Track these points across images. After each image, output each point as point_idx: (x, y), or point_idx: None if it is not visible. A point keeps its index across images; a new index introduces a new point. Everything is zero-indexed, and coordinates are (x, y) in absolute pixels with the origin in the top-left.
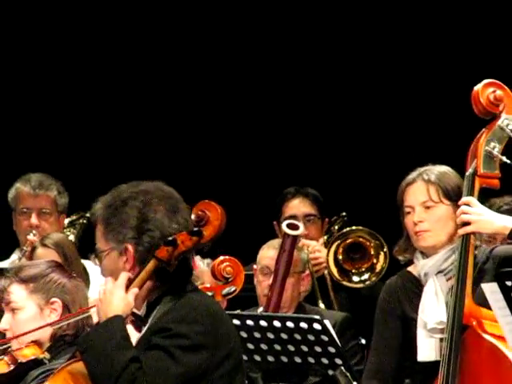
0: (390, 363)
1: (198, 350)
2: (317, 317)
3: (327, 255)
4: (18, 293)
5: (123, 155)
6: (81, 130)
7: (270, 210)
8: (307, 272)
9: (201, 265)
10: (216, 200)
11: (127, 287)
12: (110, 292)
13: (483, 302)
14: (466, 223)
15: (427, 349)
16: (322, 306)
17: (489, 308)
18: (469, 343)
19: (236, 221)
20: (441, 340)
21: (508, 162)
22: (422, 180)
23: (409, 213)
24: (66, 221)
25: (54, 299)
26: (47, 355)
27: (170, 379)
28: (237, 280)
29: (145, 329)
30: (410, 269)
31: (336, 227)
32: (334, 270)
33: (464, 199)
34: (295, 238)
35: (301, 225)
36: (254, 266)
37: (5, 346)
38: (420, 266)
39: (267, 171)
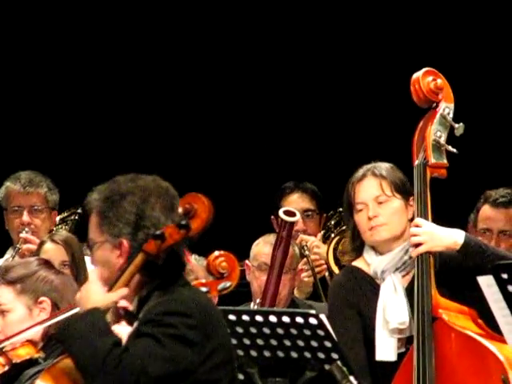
0: (363, 355)
1: (185, 343)
2: (313, 311)
3: (327, 253)
4: (5, 295)
5: (113, 151)
6: (70, 126)
7: (267, 205)
8: (300, 267)
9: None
10: (213, 194)
11: (115, 282)
12: (86, 289)
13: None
14: (418, 244)
15: (387, 349)
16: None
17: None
18: (439, 334)
19: (233, 215)
20: (398, 340)
21: (454, 150)
22: (372, 175)
23: (361, 210)
24: (58, 218)
25: (42, 298)
26: (42, 354)
27: (157, 362)
28: (232, 275)
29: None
30: (357, 264)
31: (332, 222)
32: (335, 268)
33: (414, 221)
34: (292, 225)
35: (297, 212)
36: (246, 262)
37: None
38: (376, 264)
39: (265, 165)
